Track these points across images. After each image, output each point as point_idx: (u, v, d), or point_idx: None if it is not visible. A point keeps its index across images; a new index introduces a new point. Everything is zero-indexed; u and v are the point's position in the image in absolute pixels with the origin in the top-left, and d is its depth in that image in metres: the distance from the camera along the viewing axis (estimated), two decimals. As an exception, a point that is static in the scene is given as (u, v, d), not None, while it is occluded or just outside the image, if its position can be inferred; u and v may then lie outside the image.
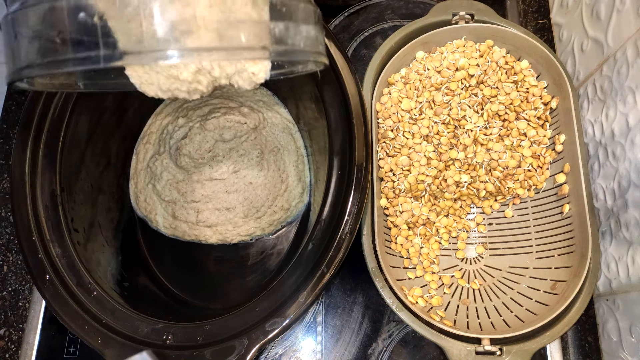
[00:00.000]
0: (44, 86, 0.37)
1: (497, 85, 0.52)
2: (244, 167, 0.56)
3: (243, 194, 0.56)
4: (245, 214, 0.55)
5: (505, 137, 0.51)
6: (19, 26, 0.28)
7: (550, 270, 0.49)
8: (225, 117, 0.57)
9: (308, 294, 0.39)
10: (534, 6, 0.65)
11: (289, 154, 0.58)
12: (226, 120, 0.57)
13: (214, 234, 0.55)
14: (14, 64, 0.29)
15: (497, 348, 0.43)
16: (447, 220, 0.52)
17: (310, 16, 0.33)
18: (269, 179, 0.56)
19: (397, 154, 0.51)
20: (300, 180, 0.57)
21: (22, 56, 0.28)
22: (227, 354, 0.38)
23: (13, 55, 0.29)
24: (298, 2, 0.32)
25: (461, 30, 0.53)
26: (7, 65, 0.30)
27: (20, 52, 0.28)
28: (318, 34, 0.34)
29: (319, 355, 0.52)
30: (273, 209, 0.56)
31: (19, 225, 0.43)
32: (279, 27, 0.30)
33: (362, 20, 0.66)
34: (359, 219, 0.41)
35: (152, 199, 0.57)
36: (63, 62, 0.27)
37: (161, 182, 0.57)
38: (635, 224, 0.45)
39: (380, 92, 0.53)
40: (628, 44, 0.46)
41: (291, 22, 0.31)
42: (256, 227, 0.56)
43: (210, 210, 0.55)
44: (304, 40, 0.32)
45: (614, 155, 0.48)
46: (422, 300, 0.47)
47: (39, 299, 0.54)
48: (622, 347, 0.47)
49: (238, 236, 0.56)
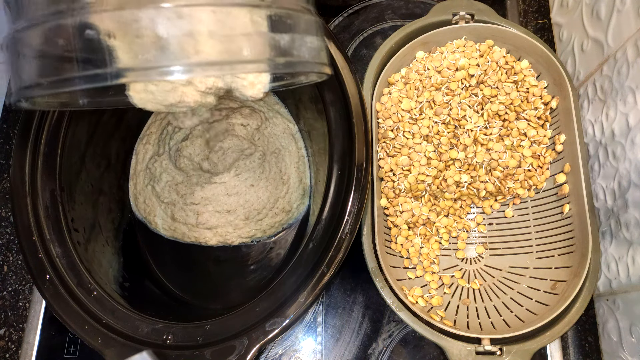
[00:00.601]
0: (45, 105, 0.37)
1: (497, 85, 0.52)
2: (245, 170, 0.56)
3: (244, 197, 0.55)
4: (246, 216, 0.55)
5: (505, 137, 0.51)
6: (24, 45, 0.28)
7: (551, 270, 0.48)
8: (227, 121, 0.57)
9: (308, 294, 0.39)
10: (534, 6, 0.65)
11: (290, 156, 0.58)
12: (228, 123, 0.57)
13: (214, 236, 0.55)
14: (18, 83, 0.29)
15: (497, 348, 0.43)
16: (447, 220, 0.52)
17: (313, 27, 0.33)
18: (270, 181, 0.56)
19: (397, 154, 0.51)
20: (301, 182, 0.57)
21: (26, 76, 0.28)
22: (227, 354, 0.38)
23: (16, 75, 0.29)
24: (301, 13, 0.32)
25: (461, 30, 0.53)
26: (12, 85, 0.30)
27: (24, 72, 0.29)
28: (321, 45, 0.34)
29: (319, 355, 0.52)
30: (274, 211, 0.56)
31: (19, 225, 0.43)
32: (283, 39, 0.31)
33: (362, 20, 0.66)
34: (359, 219, 0.41)
35: (151, 201, 0.57)
36: (69, 80, 0.27)
37: (160, 183, 0.56)
38: (635, 224, 0.45)
39: (380, 92, 0.53)
40: (628, 44, 0.46)
41: (295, 33, 0.31)
42: (257, 229, 0.55)
43: (210, 213, 0.55)
44: (308, 51, 0.32)
45: (614, 155, 0.48)
46: (422, 300, 0.47)
47: (39, 299, 0.54)
48: (622, 347, 0.47)
49: (239, 238, 0.55)
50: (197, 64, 0.28)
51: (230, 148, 0.56)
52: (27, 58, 0.28)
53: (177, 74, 0.27)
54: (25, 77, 0.28)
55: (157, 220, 0.56)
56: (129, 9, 0.26)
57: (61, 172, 0.45)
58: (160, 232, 0.56)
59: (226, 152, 0.56)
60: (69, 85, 0.27)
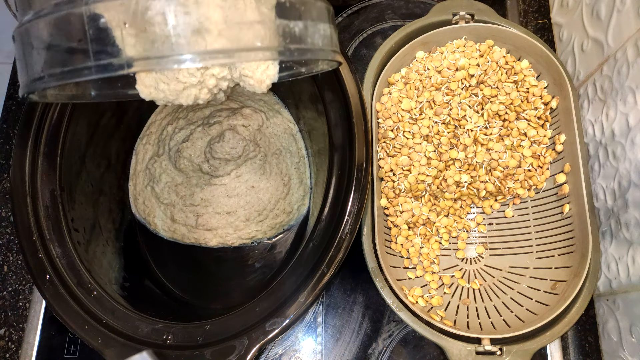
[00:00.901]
0: (55, 97, 0.37)
1: (498, 85, 0.52)
2: (247, 171, 0.55)
3: (245, 198, 0.55)
4: (246, 218, 0.55)
5: (505, 137, 0.51)
6: (34, 37, 0.28)
7: (551, 270, 0.48)
8: (228, 122, 0.56)
9: (308, 294, 0.39)
10: (534, 6, 0.65)
11: (291, 156, 0.58)
12: (229, 124, 0.56)
13: (214, 237, 0.55)
14: (28, 75, 0.29)
15: (497, 348, 0.43)
16: (447, 220, 0.52)
17: (324, 14, 0.33)
18: (271, 182, 0.56)
19: (397, 154, 0.51)
20: (302, 183, 0.57)
21: (37, 67, 0.28)
22: (227, 354, 0.38)
23: (27, 67, 0.29)
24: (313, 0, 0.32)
25: (461, 30, 0.53)
26: (21, 78, 0.30)
27: (35, 63, 0.28)
28: (332, 32, 0.34)
29: (319, 355, 0.52)
30: (275, 213, 0.56)
31: (19, 225, 0.43)
32: (297, 25, 0.30)
33: (362, 20, 0.66)
34: (359, 219, 0.41)
35: (150, 202, 0.56)
36: (79, 70, 0.27)
37: (160, 184, 0.56)
38: (635, 223, 0.45)
39: (380, 92, 0.53)
40: (628, 44, 0.46)
41: (308, 20, 0.31)
42: (257, 230, 0.55)
43: (210, 214, 0.55)
44: (321, 38, 0.32)
45: (614, 155, 0.48)
46: (422, 300, 0.47)
47: (39, 298, 0.54)
48: (622, 347, 0.47)
49: (239, 239, 0.55)
50: (208, 52, 0.27)
51: (231, 149, 0.56)
52: (37, 49, 0.28)
53: (188, 62, 0.27)
54: (36, 68, 0.28)
55: (157, 221, 0.56)
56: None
57: (61, 172, 0.45)
58: (159, 234, 0.56)
59: (227, 153, 0.55)
60: (80, 76, 0.27)
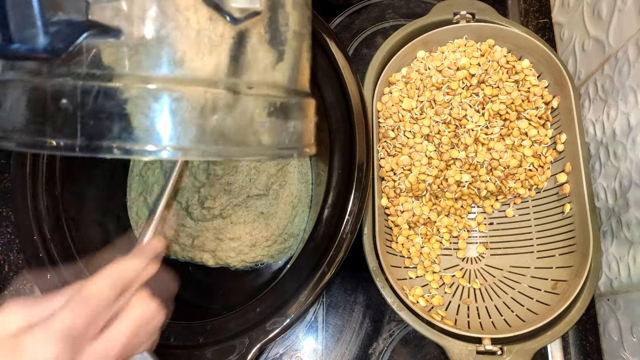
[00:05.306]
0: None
1: (498, 84, 0.52)
2: (254, 198, 0.51)
3: (252, 225, 0.50)
4: (252, 244, 0.50)
5: (506, 137, 0.51)
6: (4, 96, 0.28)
7: (551, 269, 0.48)
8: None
9: (309, 294, 0.39)
10: (535, 5, 0.65)
11: (299, 174, 0.53)
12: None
13: (212, 258, 0.51)
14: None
15: (498, 348, 0.43)
16: (448, 219, 0.52)
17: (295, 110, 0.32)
18: (281, 206, 0.52)
19: (398, 154, 0.51)
20: (307, 197, 0.54)
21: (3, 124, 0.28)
22: (228, 353, 0.38)
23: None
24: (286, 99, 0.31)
25: (462, 30, 0.53)
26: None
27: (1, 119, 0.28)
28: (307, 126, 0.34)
29: (319, 354, 0.52)
30: (284, 237, 0.52)
31: (19, 225, 0.43)
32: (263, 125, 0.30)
33: (363, 20, 0.66)
34: (359, 219, 0.41)
35: (143, 213, 0.53)
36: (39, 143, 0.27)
37: (152, 195, 0.52)
38: (636, 223, 0.45)
39: (381, 92, 0.53)
40: (629, 44, 0.46)
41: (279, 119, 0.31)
42: (264, 255, 0.51)
43: (210, 240, 0.50)
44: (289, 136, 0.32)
45: (615, 154, 0.48)
46: (423, 299, 0.47)
47: (39, 298, 0.54)
48: (623, 347, 0.47)
49: (242, 262, 0.51)
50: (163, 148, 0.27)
51: (237, 183, 0.50)
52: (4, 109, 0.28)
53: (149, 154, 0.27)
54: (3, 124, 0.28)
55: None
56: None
57: (62, 171, 0.45)
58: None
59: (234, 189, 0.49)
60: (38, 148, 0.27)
